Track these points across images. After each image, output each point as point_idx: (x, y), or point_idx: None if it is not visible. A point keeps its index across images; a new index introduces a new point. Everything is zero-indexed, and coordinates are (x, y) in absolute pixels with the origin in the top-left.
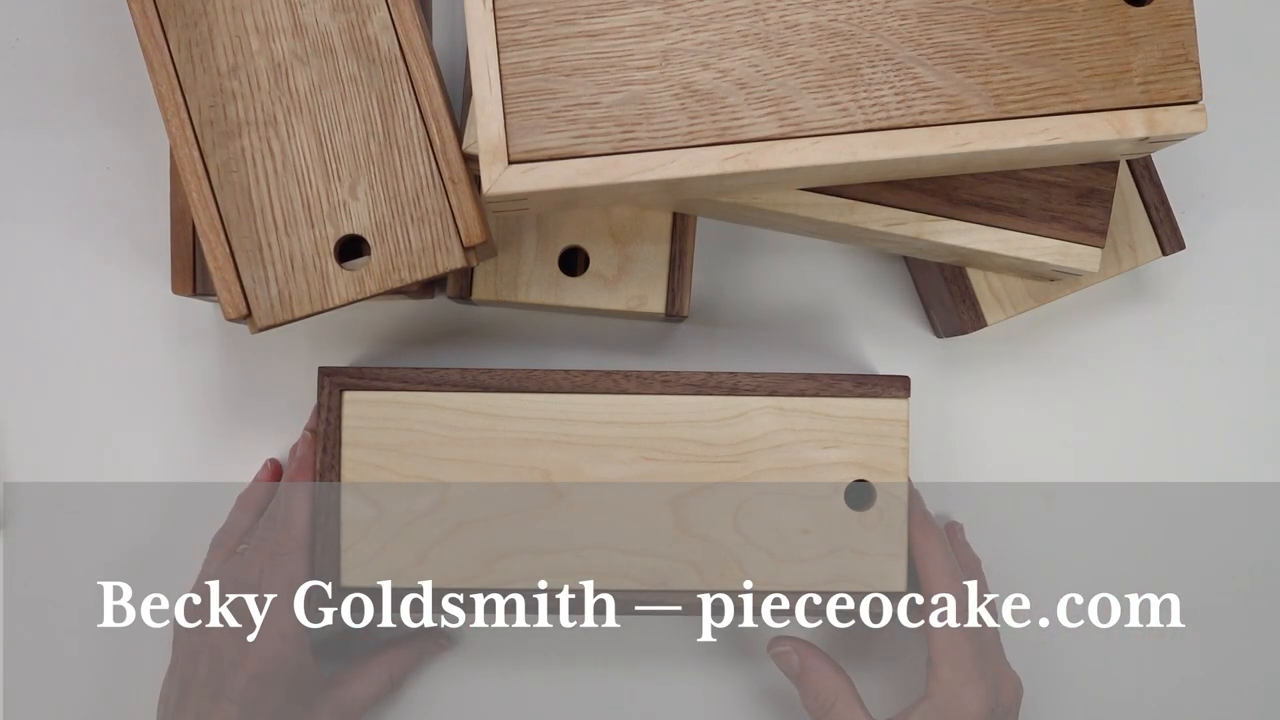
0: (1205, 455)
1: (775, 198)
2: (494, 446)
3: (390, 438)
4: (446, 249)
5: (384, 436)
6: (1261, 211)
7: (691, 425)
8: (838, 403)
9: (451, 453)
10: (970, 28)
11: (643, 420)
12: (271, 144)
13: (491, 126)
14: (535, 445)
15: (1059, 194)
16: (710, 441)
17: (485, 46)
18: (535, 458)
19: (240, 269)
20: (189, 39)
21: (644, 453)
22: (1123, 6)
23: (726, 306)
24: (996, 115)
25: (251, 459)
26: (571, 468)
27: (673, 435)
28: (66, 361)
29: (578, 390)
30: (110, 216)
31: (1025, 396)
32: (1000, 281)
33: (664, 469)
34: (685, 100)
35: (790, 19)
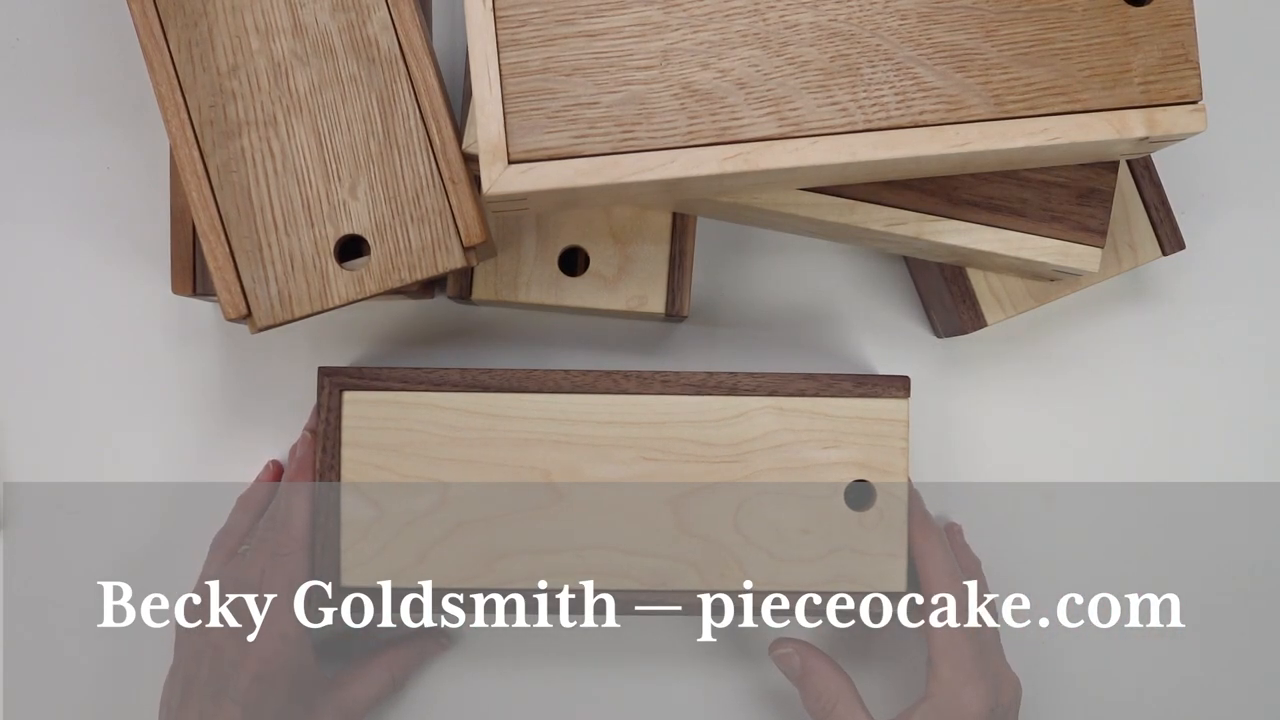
0: (1205, 455)
1: (775, 198)
2: (494, 446)
3: (390, 438)
4: (446, 249)
5: (384, 436)
6: (1261, 211)
7: (691, 425)
8: (838, 403)
9: (451, 453)
10: (970, 28)
11: (642, 420)
12: (271, 144)
13: (491, 126)
14: (535, 445)
15: (1059, 194)
16: (710, 441)
17: (485, 46)
18: (535, 458)
19: (240, 269)
20: (189, 39)
21: (644, 452)
22: (1122, 6)
23: (726, 306)
24: (996, 115)
25: (251, 459)
26: (571, 468)
27: (672, 435)
28: (66, 361)
29: (578, 390)
30: (110, 216)
31: (1025, 396)
32: (1000, 281)
33: (664, 469)
34: (685, 100)
35: (790, 19)
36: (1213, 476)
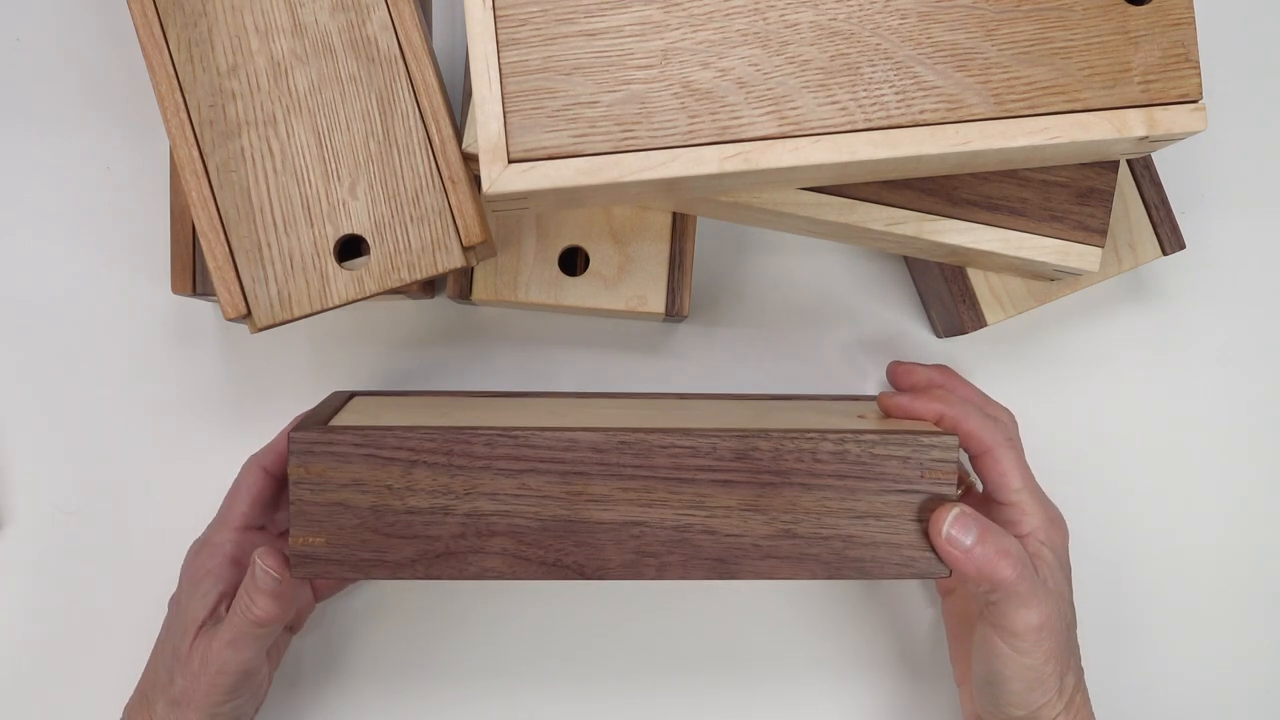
0: (1205, 455)
1: (775, 197)
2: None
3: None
4: (446, 248)
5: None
6: (1261, 211)
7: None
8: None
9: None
10: (970, 27)
11: (649, 404)
12: (271, 144)
13: (491, 126)
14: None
15: (1059, 194)
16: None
17: (485, 46)
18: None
19: (240, 269)
20: (189, 39)
21: (653, 409)
22: (1123, 5)
23: (726, 306)
24: (996, 114)
25: None
26: (578, 407)
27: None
28: (66, 361)
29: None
30: (110, 216)
31: (1025, 396)
32: (1000, 281)
33: (676, 410)
34: (685, 99)
35: (790, 18)
36: (1212, 476)
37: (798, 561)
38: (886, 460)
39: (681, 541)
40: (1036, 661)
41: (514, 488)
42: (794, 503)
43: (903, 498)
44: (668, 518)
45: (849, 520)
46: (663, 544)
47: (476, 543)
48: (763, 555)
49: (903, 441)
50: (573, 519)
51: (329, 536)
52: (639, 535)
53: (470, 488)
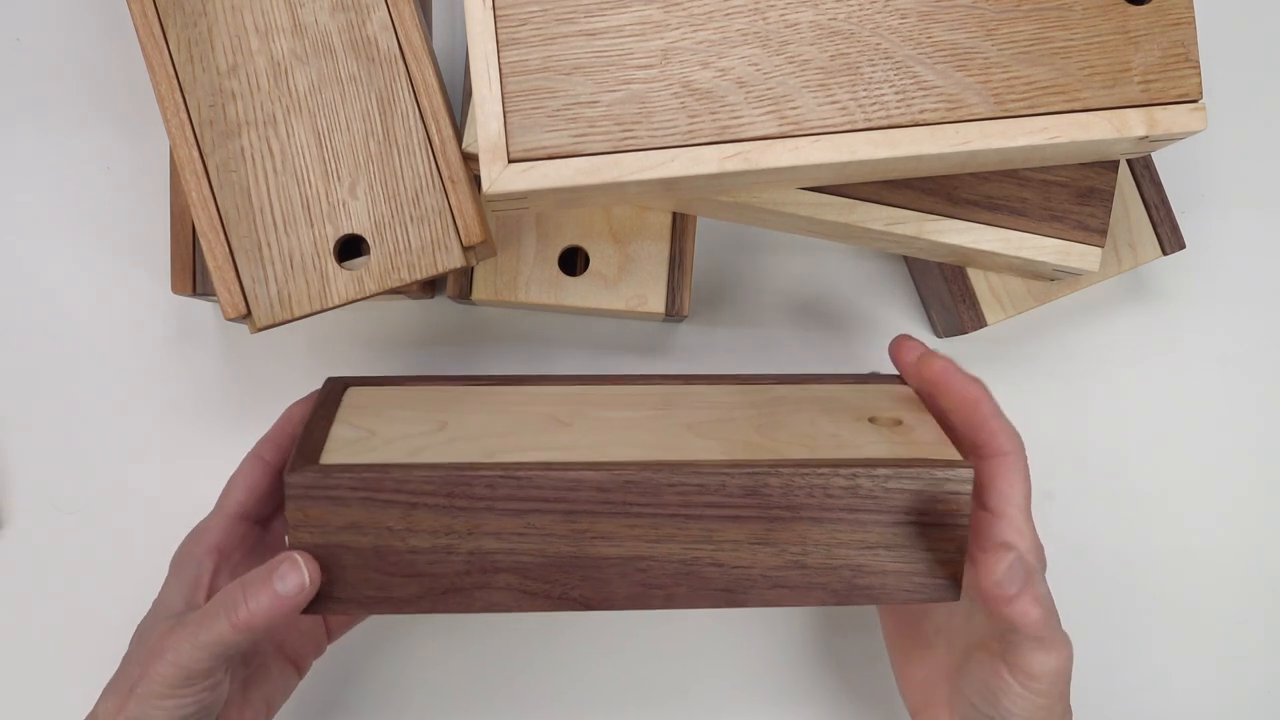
0: (1205, 455)
1: (775, 197)
2: (497, 399)
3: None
4: (446, 248)
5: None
6: (1261, 211)
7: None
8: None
9: (449, 408)
10: (970, 26)
11: (651, 394)
12: (271, 143)
13: (491, 125)
14: (540, 403)
15: (1059, 193)
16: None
17: (485, 45)
18: (540, 406)
19: (240, 269)
20: (189, 39)
21: (657, 406)
22: (1122, 5)
23: (726, 306)
24: (996, 114)
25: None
26: (578, 411)
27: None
28: (66, 361)
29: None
30: (110, 216)
31: (1025, 396)
32: (1000, 281)
33: (680, 412)
34: (685, 99)
35: (790, 18)
36: (1213, 476)
37: (806, 590)
38: (899, 494)
39: (689, 574)
40: (1050, 701)
41: (518, 526)
42: (804, 536)
43: (915, 529)
44: (675, 552)
45: (859, 551)
46: (670, 576)
47: (481, 579)
48: (771, 585)
49: (916, 476)
50: (578, 555)
51: (332, 576)
52: (645, 569)
53: (473, 528)
